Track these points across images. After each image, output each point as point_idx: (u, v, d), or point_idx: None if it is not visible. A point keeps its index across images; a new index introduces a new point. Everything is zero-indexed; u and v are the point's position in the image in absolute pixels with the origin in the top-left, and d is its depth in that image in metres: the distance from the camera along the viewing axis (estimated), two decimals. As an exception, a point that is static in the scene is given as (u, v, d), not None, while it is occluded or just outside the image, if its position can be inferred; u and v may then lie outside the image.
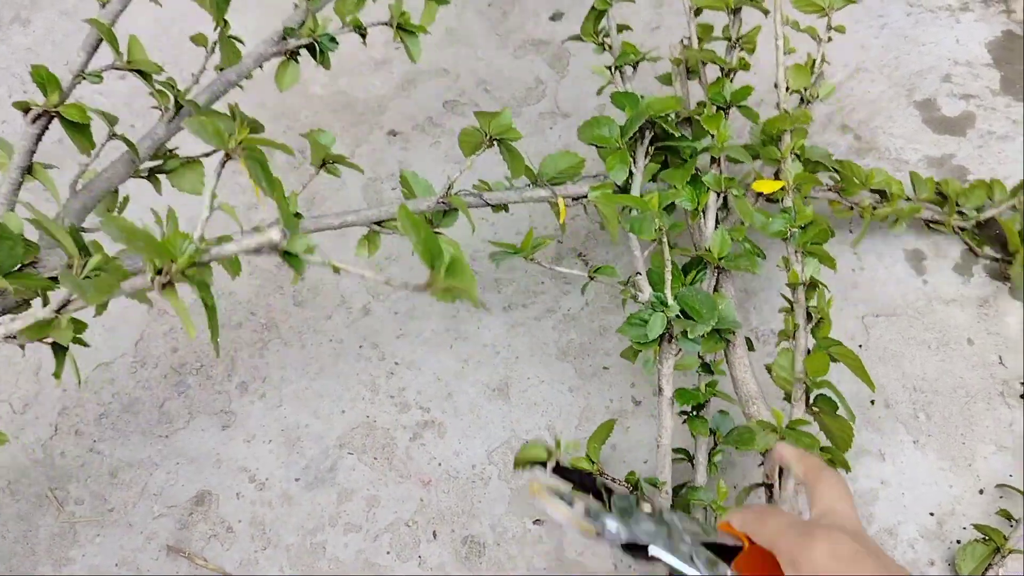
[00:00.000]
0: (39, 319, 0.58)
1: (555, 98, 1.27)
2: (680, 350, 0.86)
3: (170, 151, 0.87)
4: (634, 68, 1.03)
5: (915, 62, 1.25)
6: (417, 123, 1.25)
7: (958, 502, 0.95)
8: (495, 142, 0.89)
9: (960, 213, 1.07)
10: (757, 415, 0.87)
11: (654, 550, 0.58)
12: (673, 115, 0.94)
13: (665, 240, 0.88)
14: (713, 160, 0.97)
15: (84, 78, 0.78)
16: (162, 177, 0.88)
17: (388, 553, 0.95)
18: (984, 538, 0.90)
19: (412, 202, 0.92)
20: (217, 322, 0.55)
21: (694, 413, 0.90)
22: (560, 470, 0.62)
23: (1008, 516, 0.92)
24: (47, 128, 0.77)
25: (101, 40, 0.79)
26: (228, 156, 0.52)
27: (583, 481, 0.61)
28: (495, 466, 0.99)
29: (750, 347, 0.92)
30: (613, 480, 0.87)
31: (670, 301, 0.84)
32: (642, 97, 0.94)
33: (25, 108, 0.75)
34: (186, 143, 0.83)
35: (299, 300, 1.11)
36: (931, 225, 1.09)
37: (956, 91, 1.20)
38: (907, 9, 1.30)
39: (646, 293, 0.85)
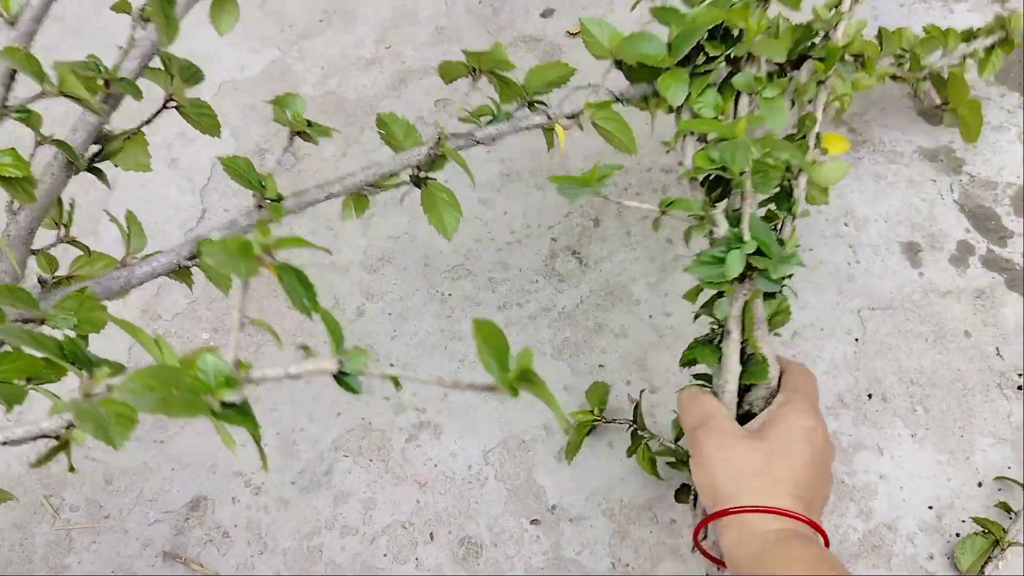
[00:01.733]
0: (56, 437, 0.52)
1: (547, 95, 1.26)
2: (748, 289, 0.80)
3: (107, 134, 0.76)
4: None
5: (908, 53, 1.24)
6: (409, 122, 1.24)
7: (957, 495, 0.94)
8: (482, 73, 0.82)
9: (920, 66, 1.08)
10: (761, 339, 0.83)
11: None
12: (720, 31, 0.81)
13: (748, 172, 0.78)
14: (750, 57, 0.85)
15: (7, 115, 0.66)
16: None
17: (385, 556, 0.94)
18: (983, 531, 0.90)
19: (402, 155, 0.84)
20: (264, 454, 0.51)
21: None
22: None
23: (1007, 508, 0.91)
24: None
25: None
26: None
27: None
28: (491, 466, 0.99)
29: None
30: None
31: (747, 237, 0.77)
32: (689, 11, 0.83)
33: None
34: (119, 118, 0.75)
35: (292, 302, 1.10)
36: (895, 79, 1.10)
37: (950, 81, 1.19)
38: (900, -1, 1.29)
39: (722, 228, 0.79)
